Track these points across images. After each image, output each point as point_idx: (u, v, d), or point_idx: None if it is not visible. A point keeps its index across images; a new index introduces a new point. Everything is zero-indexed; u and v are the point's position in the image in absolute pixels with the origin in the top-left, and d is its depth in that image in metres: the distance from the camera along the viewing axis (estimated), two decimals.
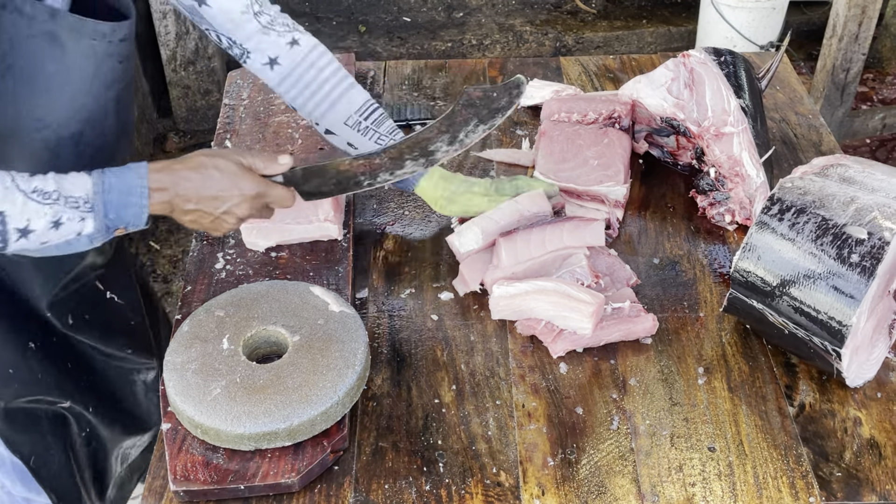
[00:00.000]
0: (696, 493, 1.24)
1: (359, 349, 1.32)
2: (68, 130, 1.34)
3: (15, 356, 1.58)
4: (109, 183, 1.23)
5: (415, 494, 1.24)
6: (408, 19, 4.45)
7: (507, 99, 1.46)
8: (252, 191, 1.33)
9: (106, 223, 1.23)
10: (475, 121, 1.46)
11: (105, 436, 1.84)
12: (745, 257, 1.36)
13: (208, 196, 1.30)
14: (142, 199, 1.25)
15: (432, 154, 1.45)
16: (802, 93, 2.06)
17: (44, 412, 1.69)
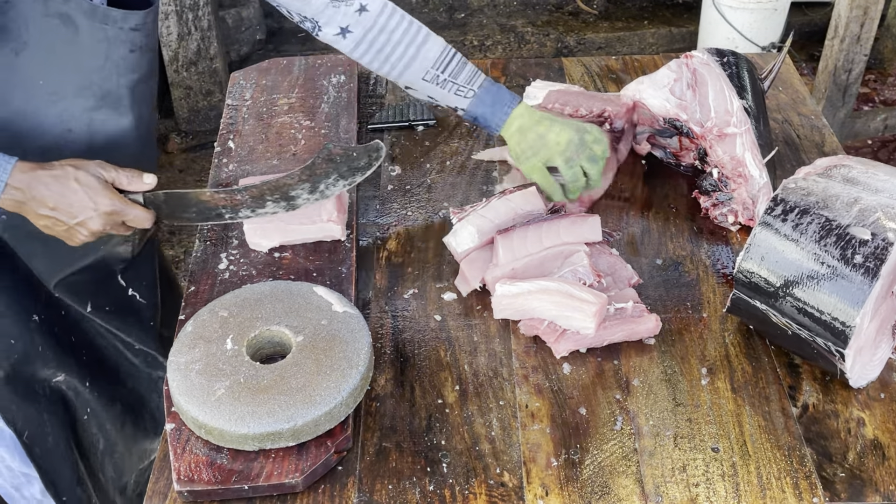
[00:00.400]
0: (700, 493, 1.24)
1: (362, 349, 1.32)
2: (81, 106, 1.38)
3: (17, 327, 1.60)
4: None
5: (418, 495, 1.24)
6: None
7: (366, 160, 1.53)
8: (107, 208, 1.35)
9: None
10: (335, 175, 1.52)
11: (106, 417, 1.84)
12: (749, 258, 1.36)
13: (63, 206, 1.33)
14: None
15: (293, 199, 1.51)
16: (805, 94, 2.07)
17: (42, 389, 1.69)
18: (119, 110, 1.45)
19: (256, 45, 4.12)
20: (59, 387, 1.73)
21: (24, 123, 1.37)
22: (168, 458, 1.27)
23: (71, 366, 1.73)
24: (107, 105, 1.43)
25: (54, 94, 1.37)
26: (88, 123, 1.43)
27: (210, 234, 1.64)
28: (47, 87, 1.36)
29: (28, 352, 1.63)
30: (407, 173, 1.84)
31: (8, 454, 1.75)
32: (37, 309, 1.64)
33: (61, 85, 1.38)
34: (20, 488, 1.84)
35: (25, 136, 1.37)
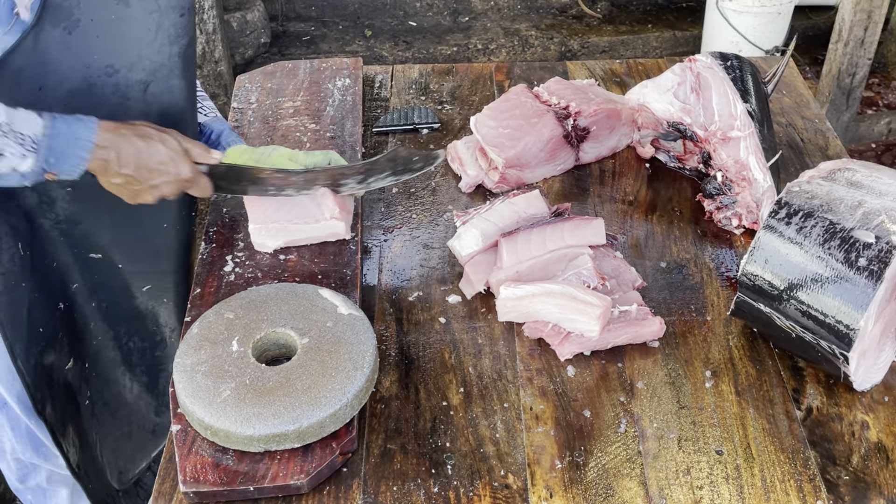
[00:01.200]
0: (704, 496, 1.24)
1: (367, 351, 1.33)
2: (136, 76, 1.42)
3: (46, 315, 1.62)
4: (58, 129, 1.27)
5: (423, 496, 1.24)
6: (413, 23, 4.46)
7: (421, 164, 1.62)
8: (187, 174, 1.41)
9: (43, 166, 1.28)
10: (388, 172, 1.61)
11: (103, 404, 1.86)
12: (753, 261, 1.37)
13: (145, 166, 1.36)
14: (84, 152, 1.30)
15: (340, 187, 1.59)
16: (809, 97, 2.07)
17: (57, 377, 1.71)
18: (171, 79, 1.48)
19: (261, 49, 4.14)
20: (67, 374, 1.75)
21: (82, 99, 1.39)
22: (174, 459, 1.28)
23: (81, 354, 1.76)
24: (160, 75, 1.46)
25: (109, 67, 1.39)
26: (143, 93, 1.46)
27: (216, 237, 1.64)
28: (102, 61, 1.38)
29: (52, 339, 1.65)
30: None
31: (20, 446, 1.77)
32: (64, 296, 1.66)
33: (115, 58, 1.39)
34: (26, 479, 1.86)
35: (86, 110, 1.37)
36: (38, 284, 1.59)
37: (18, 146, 1.24)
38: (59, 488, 1.90)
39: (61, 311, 1.67)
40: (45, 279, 1.61)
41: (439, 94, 2.09)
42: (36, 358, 1.62)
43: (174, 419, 1.31)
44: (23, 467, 1.84)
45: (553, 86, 1.89)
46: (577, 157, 1.85)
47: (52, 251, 1.60)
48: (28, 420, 1.71)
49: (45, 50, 1.32)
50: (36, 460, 1.81)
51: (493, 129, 1.80)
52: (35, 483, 1.87)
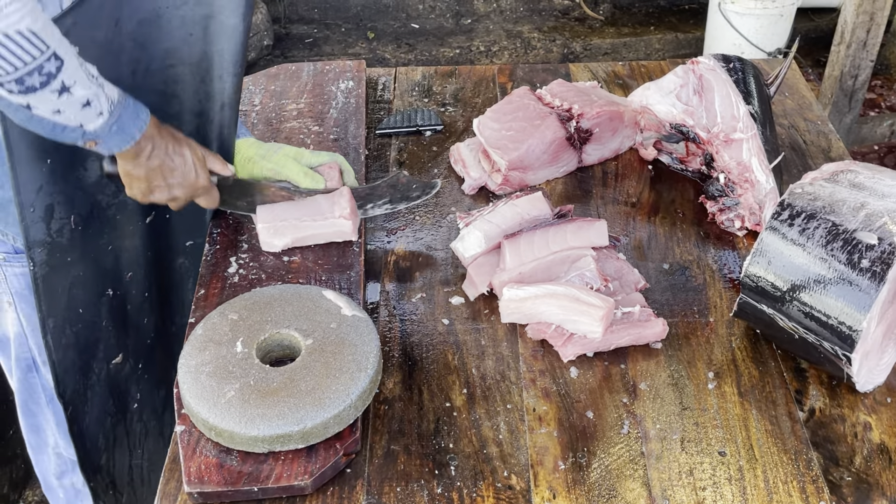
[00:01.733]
0: (707, 497, 1.24)
1: (371, 353, 1.33)
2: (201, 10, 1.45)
3: (88, 297, 1.61)
4: (128, 103, 1.34)
5: (426, 497, 1.25)
6: (416, 26, 4.47)
7: (418, 193, 1.67)
8: (204, 183, 1.48)
9: (106, 129, 1.32)
10: (387, 199, 1.66)
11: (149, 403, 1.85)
12: (756, 262, 1.37)
13: (169, 166, 1.42)
14: (137, 132, 1.36)
15: None
16: (811, 99, 2.07)
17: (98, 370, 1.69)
18: (232, 18, 1.48)
19: (264, 51, 4.15)
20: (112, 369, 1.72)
21: (150, 31, 1.42)
22: (178, 459, 1.28)
23: (134, 351, 1.75)
24: (223, 12, 1.46)
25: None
26: (205, 28, 1.47)
27: (220, 238, 1.65)
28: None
29: (94, 325, 1.63)
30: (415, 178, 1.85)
31: (63, 440, 1.76)
32: (114, 283, 1.66)
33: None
34: (63, 476, 1.84)
35: (152, 42, 1.43)
36: (87, 263, 1.58)
37: (104, 103, 1.29)
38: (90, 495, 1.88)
39: (108, 298, 1.65)
40: (95, 259, 1.60)
41: (442, 97, 2.10)
42: (70, 339, 1.59)
43: (178, 420, 1.31)
44: (62, 463, 1.82)
45: (556, 88, 1.89)
46: (579, 159, 1.85)
47: (108, 231, 1.60)
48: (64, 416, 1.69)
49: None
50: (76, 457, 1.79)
51: (495, 132, 1.80)
52: (70, 482, 1.86)
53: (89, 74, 1.25)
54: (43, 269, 1.50)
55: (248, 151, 1.65)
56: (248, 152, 1.65)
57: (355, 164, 1.80)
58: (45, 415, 1.74)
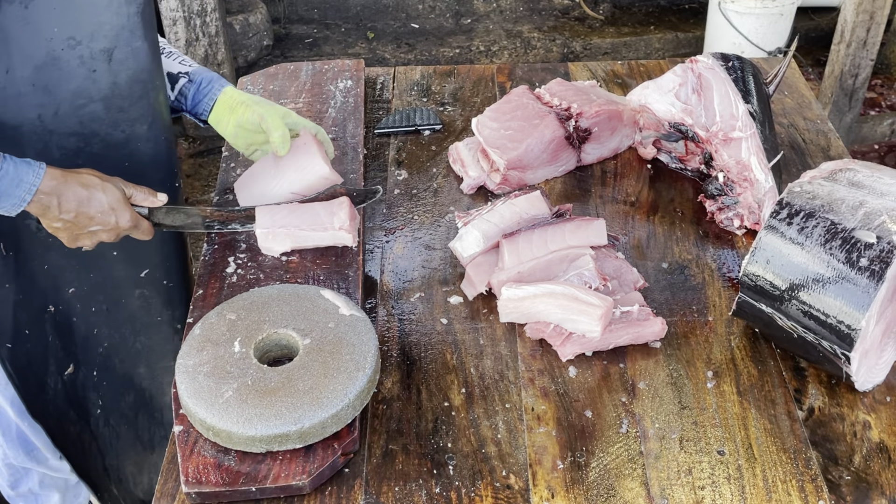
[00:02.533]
0: (706, 496, 1.24)
1: (369, 352, 1.33)
2: (99, 45, 1.42)
3: (32, 318, 1.62)
4: (6, 169, 1.32)
5: (425, 497, 1.24)
6: (416, 26, 4.47)
7: (361, 199, 1.66)
8: (126, 224, 1.45)
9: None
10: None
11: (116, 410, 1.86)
12: (754, 261, 1.37)
13: (86, 214, 1.40)
14: (26, 194, 1.35)
15: None
16: (810, 98, 2.07)
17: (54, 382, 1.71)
18: (134, 41, 1.47)
19: (264, 51, 4.15)
20: (67, 380, 1.74)
21: (49, 74, 1.41)
22: (176, 460, 1.28)
23: (86, 361, 1.75)
24: (122, 38, 1.46)
25: (71, 38, 1.40)
26: (109, 62, 1.46)
27: (218, 238, 1.65)
28: (63, 33, 1.39)
29: (41, 343, 1.65)
30: (413, 178, 1.85)
31: (12, 451, 1.77)
32: (56, 300, 1.66)
33: (76, 29, 1.40)
34: (17, 485, 1.85)
35: (55, 85, 1.42)
36: (24, 286, 1.60)
37: None
38: (50, 492, 1.90)
39: (51, 314, 1.66)
40: (31, 281, 1.61)
41: (441, 96, 2.10)
42: (23, 360, 1.62)
43: (176, 420, 1.31)
44: (14, 472, 1.84)
45: (554, 87, 1.89)
46: (578, 159, 1.85)
47: (40, 253, 1.60)
48: (20, 422, 1.71)
49: (6, 28, 1.33)
50: (28, 464, 1.81)
51: (494, 131, 1.80)
52: (27, 488, 1.87)
53: None
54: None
55: (236, 97, 1.64)
56: (237, 97, 1.64)
57: (353, 164, 1.80)
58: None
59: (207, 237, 1.65)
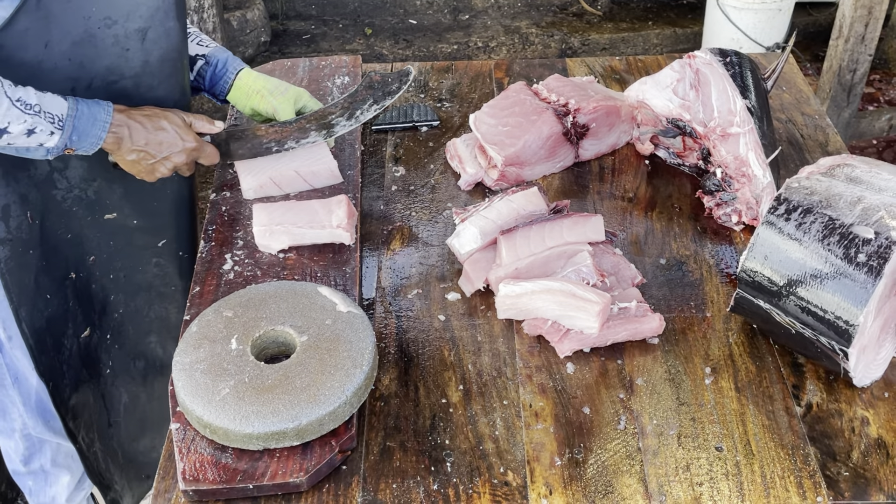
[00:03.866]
0: (704, 492, 1.24)
1: (366, 349, 1.33)
2: (134, 25, 1.49)
3: (53, 284, 1.68)
4: (81, 110, 1.43)
5: (422, 494, 1.24)
6: (413, 22, 4.46)
7: (397, 84, 1.74)
8: (192, 144, 1.56)
9: (66, 142, 1.42)
10: (371, 101, 1.72)
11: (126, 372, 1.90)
12: (752, 257, 1.37)
13: (154, 142, 1.51)
14: (102, 131, 1.45)
15: (332, 127, 1.70)
16: (809, 93, 2.06)
17: (70, 344, 1.76)
18: (167, 22, 1.54)
19: (261, 47, 4.14)
20: (82, 342, 1.79)
21: (84, 50, 1.46)
22: (173, 457, 1.28)
23: (102, 325, 1.81)
24: (157, 19, 1.52)
25: (107, 18, 1.46)
26: (142, 41, 1.52)
27: (215, 235, 1.64)
28: (100, 13, 1.44)
29: (62, 307, 1.71)
30: (411, 174, 1.84)
31: (31, 419, 1.80)
32: (77, 267, 1.72)
33: (112, 9, 1.46)
34: (30, 460, 1.87)
35: (87, 63, 1.48)
36: (48, 253, 1.65)
37: (48, 124, 1.39)
38: (61, 472, 1.91)
39: (72, 281, 1.72)
40: (55, 249, 1.66)
41: (438, 92, 2.09)
42: (41, 323, 1.68)
43: (173, 417, 1.31)
44: (31, 445, 1.85)
45: (552, 83, 1.89)
46: (576, 155, 1.84)
47: (65, 222, 1.66)
48: (41, 390, 1.74)
49: (47, 6, 1.38)
50: (45, 434, 1.83)
51: (492, 127, 1.80)
52: (39, 465, 1.89)
53: (25, 106, 1.34)
54: (8, 264, 1.59)
55: (252, 84, 1.73)
56: (254, 85, 1.73)
57: (351, 160, 1.80)
58: (10, 396, 1.77)
59: (204, 232, 1.65)
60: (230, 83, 1.73)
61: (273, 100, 1.71)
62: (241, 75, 1.73)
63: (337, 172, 1.73)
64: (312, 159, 1.72)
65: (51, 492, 1.94)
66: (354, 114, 1.71)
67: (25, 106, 1.35)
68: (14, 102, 1.34)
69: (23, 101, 1.35)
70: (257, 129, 1.68)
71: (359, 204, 1.71)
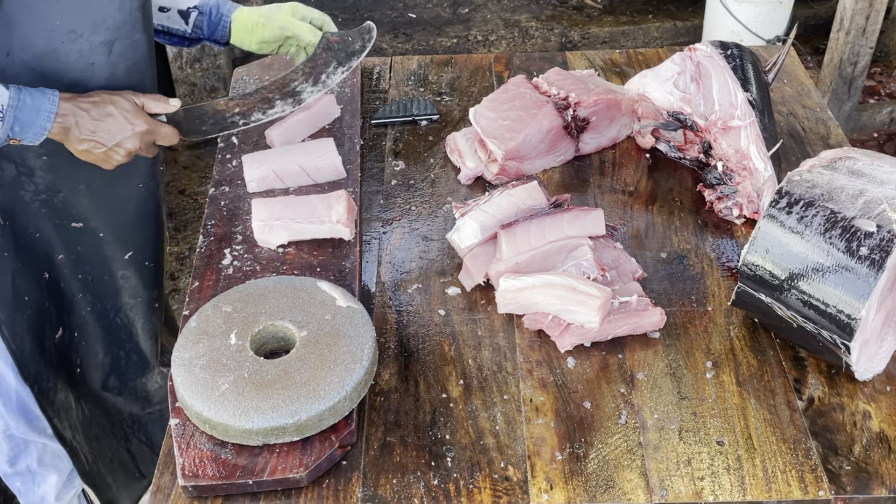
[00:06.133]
0: (705, 486, 1.23)
1: (366, 344, 1.32)
2: (100, 38, 1.46)
3: (30, 285, 1.67)
4: (24, 100, 1.38)
5: (423, 489, 1.24)
6: (413, 15, 4.45)
7: (360, 43, 1.67)
8: (142, 128, 1.49)
9: (8, 133, 1.38)
10: (334, 63, 1.65)
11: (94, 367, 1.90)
12: (754, 251, 1.36)
13: (103, 129, 1.46)
14: (46, 122, 1.40)
15: (299, 94, 1.63)
16: (810, 86, 2.06)
17: (49, 345, 1.76)
18: (134, 34, 1.51)
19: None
20: (57, 344, 1.79)
21: (48, 63, 1.45)
22: (172, 453, 1.28)
23: (70, 324, 1.80)
24: (123, 32, 1.49)
25: (72, 32, 1.43)
26: (108, 54, 1.49)
27: (214, 230, 1.64)
28: (64, 26, 1.42)
29: (39, 308, 1.70)
30: (410, 168, 1.84)
31: (13, 420, 1.79)
32: (49, 266, 1.71)
33: (77, 23, 1.43)
34: (16, 460, 1.86)
35: (51, 75, 1.46)
36: (22, 254, 1.64)
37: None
38: (48, 472, 1.91)
39: (46, 281, 1.71)
40: (28, 249, 1.65)
41: (438, 86, 2.08)
42: (22, 326, 1.67)
43: (172, 413, 1.30)
44: (15, 446, 1.84)
45: (552, 76, 1.88)
46: (577, 148, 1.84)
47: (34, 222, 1.64)
48: (21, 389, 1.73)
49: (10, 13, 1.37)
50: (29, 435, 1.82)
51: (492, 121, 1.79)
52: (25, 465, 1.88)
53: None
54: None
55: (249, 18, 1.71)
56: (251, 18, 1.71)
57: (350, 154, 1.79)
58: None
59: (203, 227, 1.65)
60: (228, 26, 1.72)
61: (275, 23, 1.69)
62: (235, 16, 1.72)
63: (341, 168, 1.72)
64: (317, 154, 1.71)
65: (39, 491, 1.94)
66: (320, 78, 1.64)
67: None
68: None
69: None
70: (217, 103, 1.61)
71: (358, 198, 1.70)
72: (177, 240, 3.22)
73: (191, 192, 3.41)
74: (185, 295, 2.33)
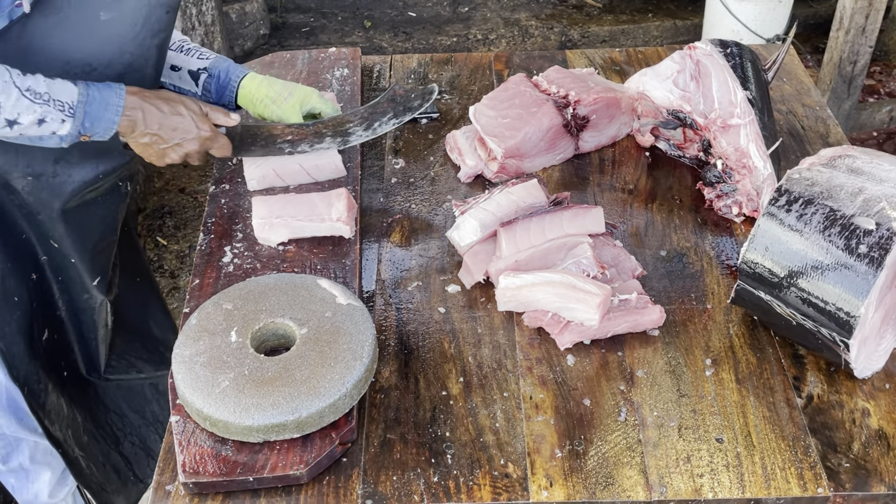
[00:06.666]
0: (704, 483, 1.24)
1: (366, 341, 1.32)
2: (113, 71, 1.48)
3: (20, 285, 1.68)
4: (92, 95, 1.40)
5: (423, 486, 1.24)
6: (413, 14, 4.45)
7: (419, 102, 1.72)
8: (206, 133, 1.53)
9: (79, 129, 1.40)
10: (391, 114, 1.71)
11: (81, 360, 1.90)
12: (753, 249, 1.36)
13: (169, 126, 1.48)
14: (115, 115, 1.42)
15: (348, 136, 1.68)
16: (809, 84, 2.06)
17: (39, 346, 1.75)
18: (145, 70, 1.52)
19: (260, 40, 4.13)
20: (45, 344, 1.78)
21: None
22: (173, 450, 1.28)
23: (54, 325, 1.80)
24: (136, 66, 1.50)
25: (87, 65, 1.45)
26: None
27: (214, 227, 1.64)
28: (81, 59, 1.44)
29: (27, 309, 1.70)
30: (410, 166, 1.84)
31: (4, 418, 1.79)
32: (35, 267, 1.71)
33: (95, 58, 1.45)
34: (8, 458, 1.86)
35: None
36: (10, 255, 1.64)
37: (58, 112, 1.37)
38: (41, 469, 1.91)
39: (34, 282, 1.71)
40: (16, 249, 1.66)
41: (438, 84, 2.08)
42: (12, 326, 1.67)
43: (173, 410, 1.31)
44: (7, 444, 1.85)
45: (552, 75, 1.88)
46: (576, 147, 1.84)
47: (21, 225, 1.65)
48: (10, 388, 1.73)
49: (30, 38, 1.38)
50: (20, 433, 1.82)
51: (492, 119, 1.79)
52: (18, 463, 1.88)
53: (35, 95, 1.33)
54: None
55: (258, 92, 1.70)
56: (259, 93, 1.70)
57: (350, 152, 1.79)
58: None
59: (204, 225, 1.65)
60: (235, 93, 1.70)
61: (276, 108, 1.68)
62: (243, 83, 1.69)
63: (341, 167, 1.72)
64: (317, 153, 1.71)
65: (33, 489, 1.94)
66: (373, 125, 1.69)
67: (35, 95, 1.34)
68: (23, 92, 1.32)
69: (32, 90, 1.33)
70: (273, 127, 1.67)
71: (358, 196, 1.71)
72: (177, 238, 3.22)
73: (191, 191, 3.41)
74: (185, 292, 2.34)
